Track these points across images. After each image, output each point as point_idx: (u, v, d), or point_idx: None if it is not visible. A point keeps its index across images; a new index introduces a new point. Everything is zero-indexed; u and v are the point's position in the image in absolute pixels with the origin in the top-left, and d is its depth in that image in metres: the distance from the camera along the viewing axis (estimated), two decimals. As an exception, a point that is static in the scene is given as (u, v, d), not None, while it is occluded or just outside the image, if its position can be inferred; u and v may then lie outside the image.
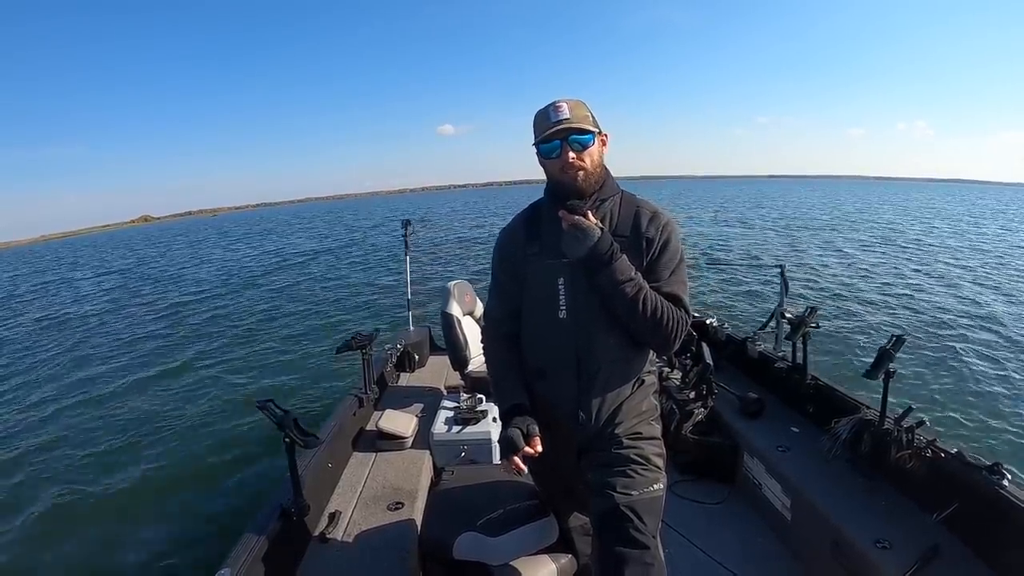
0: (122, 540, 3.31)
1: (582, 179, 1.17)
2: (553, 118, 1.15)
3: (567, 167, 1.16)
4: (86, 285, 16.70)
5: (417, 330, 3.65)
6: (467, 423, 2.39)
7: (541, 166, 1.24)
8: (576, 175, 1.17)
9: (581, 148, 1.16)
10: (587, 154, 1.17)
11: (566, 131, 1.14)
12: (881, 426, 1.79)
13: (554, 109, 1.15)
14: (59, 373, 7.12)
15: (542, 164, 1.23)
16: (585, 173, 1.17)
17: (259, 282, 13.18)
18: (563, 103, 1.15)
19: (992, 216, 26.37)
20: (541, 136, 1.16)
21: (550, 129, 1.15)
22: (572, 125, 1.14)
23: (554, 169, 1.19)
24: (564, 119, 1.14)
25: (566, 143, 1.15)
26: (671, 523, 1.94)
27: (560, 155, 1.16)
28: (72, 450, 4.64)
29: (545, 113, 1.16)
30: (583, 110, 1.17)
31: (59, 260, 31.42)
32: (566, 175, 1.17)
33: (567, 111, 1.15)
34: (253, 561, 1.36)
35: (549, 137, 1.15)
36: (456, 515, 1.52)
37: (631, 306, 1.14)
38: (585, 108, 1.18)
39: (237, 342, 7.72)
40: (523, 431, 1.18)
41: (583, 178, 1.17)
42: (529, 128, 1.21)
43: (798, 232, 17.76)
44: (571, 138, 1.15)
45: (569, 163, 1.15)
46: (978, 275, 10.25)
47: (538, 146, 1.19)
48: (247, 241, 28.06)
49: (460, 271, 11.38)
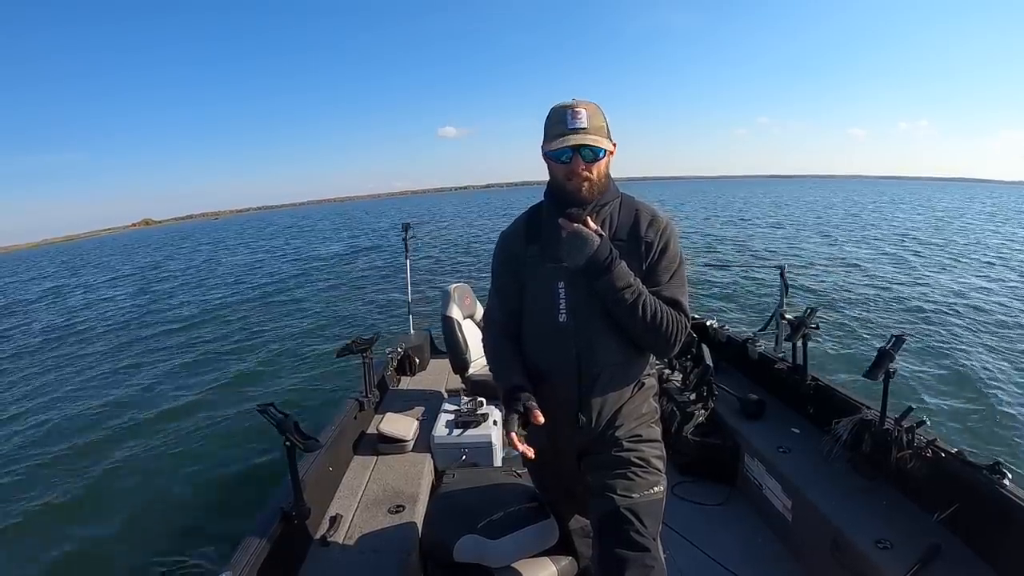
0: (122, 542, 3.32)
1: (587, 189, 1.17)
2: (570, 124, 1.12)
3: (575, 176, 1.16)
4: (85, 291, 16.71)
5: (418, 333, 3.65)
6: (468, 426, 2.39)
7: (545, 163, 1.23)
8: (582, 185, 1.16)
9: (592, 160, 1.15)
10: (596, 166, 1.17)
11: (579, 143, 1.12)
12: (881, 426, 1.79)
13: (572, 114, 1.13)
14: (57, 377, 7.13)
15: (548, 163, 1.21)
16: (591, 184, 1.17)
17: (258, 286, 13.19)
18: (581, 108, 1.14)
19: (994, 215, 26.34)
20: (554, 142, 1.14)
21: (565, 137, 1.13)
22: (588, 140, 1.13)
23: (561, 173, 1.18)
24: (581, 128, 1.13)
25: (578, 153, 1.14)
26: (672, 524, 1.94)
27: (570, 163, 1.15)
28: (71, 452, 4.64)
29: (562, 115, 1.14)
30: (599, 119, 1.16)
31: (61, 264, 31.49)
32: (571, 183, 1.17)
33: (584, 119, 1.13)
34: (254, 564, 1.36)
35: (563, 144, 1.13)
36: (457, 518, 1.52)
37: (631, 312, 1.14)
38: (601, 116, 1.17)
39: (237, 346, 7.73)
40: (520, 412, 1.14)
41: (588, 188, 1.17)
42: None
43: (798, 232, 17.77)
44: (584, 149, 1.14)
45: (577, 173, 1.15)
46: (979, 274, 10.24)
47: (546, 148, 1.17)
48: (248, 245, 28.09)
49: (460, 274, 11.39)
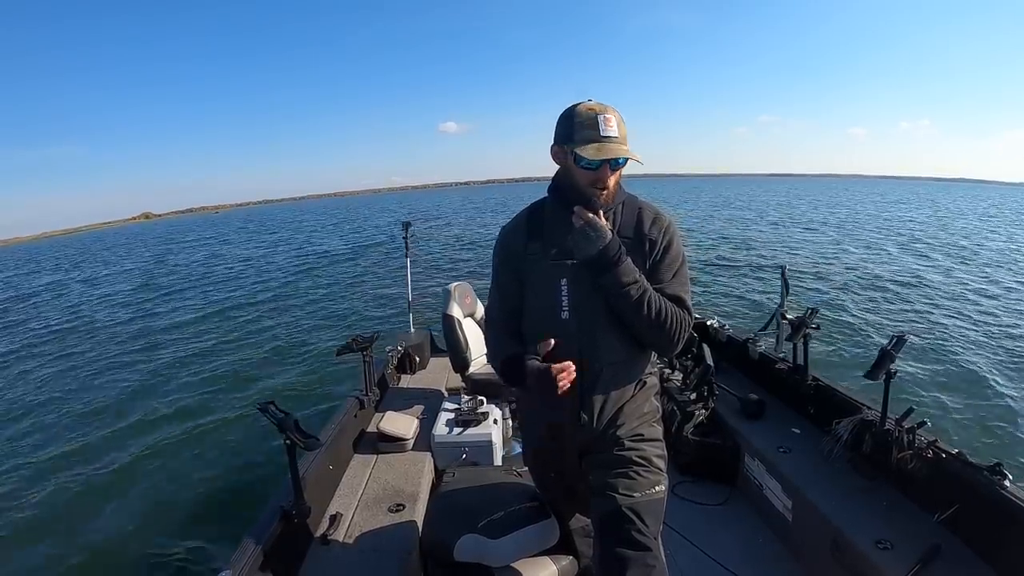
0: (121, 541, 3.32)
1: (605, 196, 1.18)
2: (603, 131, 1.11)
3: (600, 184, 1.16)
4: (84, 286, 16.69)
5: (418, 332, 3.65)
6: (468, 425, 2.39)
7: (560, 164, 1.22)
8: (602, 193, 1.17)
9: (616, 168, 1.16)
10: (616, 174, 1.17)
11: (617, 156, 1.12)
12: (882, 427, 1.79)
13: (604, 120, 1.11)
14: (54, 373, 7.11)
15: (566, 165, 1.20)
16: (608, 192, 1.18)
17: (258, 283, 13.17)
18: (611, 115, 1.13)
19: (995, 217, 26.33)
20: (587, 148, 1.11)
21: (602, 145, 1.11)
22: (623, 152, 1.12)
23: (584, 178, 1.16)
24: (614, 137, 1.12)
25: (607, 162, 1.13)
26: (672, 524, 1.94)
27: (599, 170, 1.14)
28: (69, 450, 4.64)
29: (592, 120, 1.12)
30: (624, 127, 1.15)
31: (62, 257, 31.44)
32: (592, 189, 1.16)
33: (616, 127, 1.12)
34: (254, 563, 1.36)
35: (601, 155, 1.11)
36: (457, 517, 1.51)
37: (636, 308, 1.14)
38: (624, 124, 1.16)
39: (237, 344, 7.72)
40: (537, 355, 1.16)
41: (606, 196, 1.18)
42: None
43: (798, 232, 17.77)
44: (613, 159, 1.13)
45: (604, 181, 1.15)
46: (981, 274, 10.25)
47: (576, 151, 1.13)
48: (251, 240, 28.07)
49: (460, 272, 11.38)
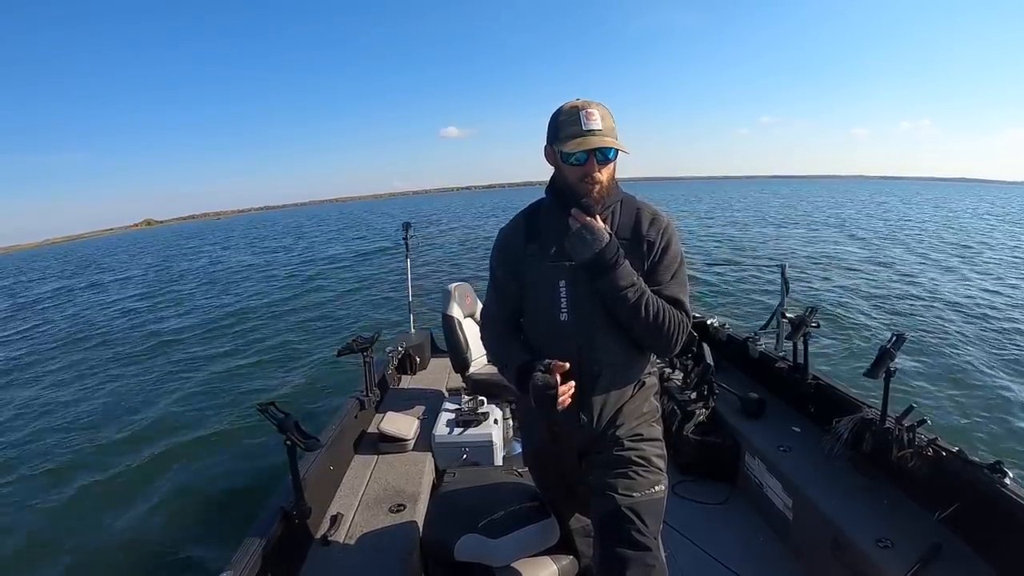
0: (122, 542, 3.32)
1: (597, 192, 1.16)
2: (585, 125, 1.11)
3: (589, 178, 1.15)
4: (87, 292, 16.71)
5: (418, 332, 3.65)
6: (469, 425, 2.39)
7: (552, 164, 1.22)
8: (593, 188, 1.16)
9: (605, 162, 1.15)
10: (608, 168, 1.16)
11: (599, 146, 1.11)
12: (882, 425, 1.79)
13: (586, 115, 1.11)
14: (58, 379, 7.12)
15: (556, 164, 1.20)
16: (601, 187, 1.16)
17: (260, 285, 13.19)
18: (594, 109, 1.12)
19: (997, 216, 26.30)
20: (569, 143, 1.12)
21: (583, 138, 1.11)
22: (606, 143, 1.12)
23: (574, 175, 1.16)
24: (597, 130, 1.11)
25: (594, 155, 1.13)
26: (672, 523, 1.94)
27: (585, 164, 1.14)
28: (73, 454, 4.64)
29: (575, 116, 1.12)
30: (610, 120, 1.15)
31: (65, 264, 31.50)
32: (584, 185, 1.16)
33: (599, 120, 1.12)
34: (254, 564, 1.36)
35: (581, 147, 1.11)
36: (458, 517, 1.52)
37: (633, 311, 1.14)
38: (611, 117, 1.15)
39: (237, 346, 7.73)
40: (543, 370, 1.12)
41: (599, 191, 1.16)
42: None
43: (799, 231, 17.75)
44: (600, 151, 1.13)
45: (592, 175, 1.14)
46: (981, 273, 10.22)
47: (561, 149, 1.14)
48: (252, 246, 28.09)
49: (461, 273, 11.38)
